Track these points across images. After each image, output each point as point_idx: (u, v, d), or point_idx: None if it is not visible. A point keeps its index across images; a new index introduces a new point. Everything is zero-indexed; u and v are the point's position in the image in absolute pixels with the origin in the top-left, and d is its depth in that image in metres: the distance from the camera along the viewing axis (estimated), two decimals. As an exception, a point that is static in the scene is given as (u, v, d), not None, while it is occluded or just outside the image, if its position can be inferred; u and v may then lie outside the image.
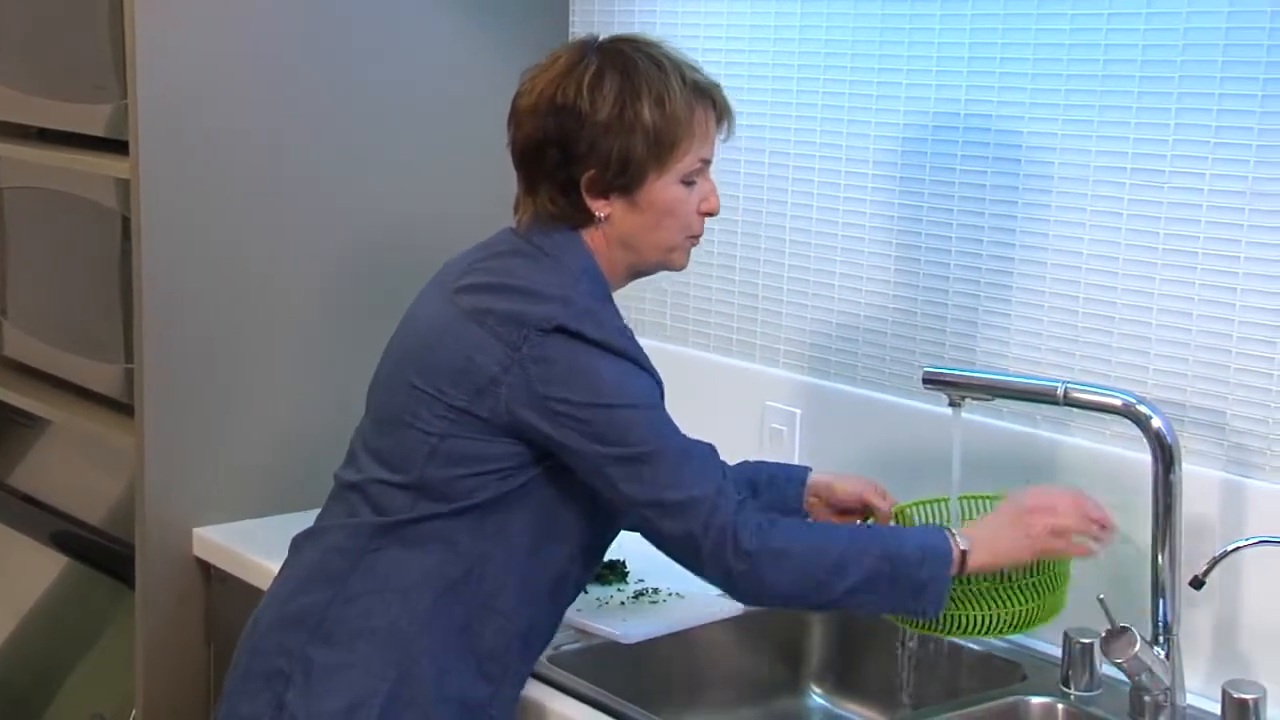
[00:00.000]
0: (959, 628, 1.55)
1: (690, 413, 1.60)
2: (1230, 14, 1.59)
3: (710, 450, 1.51)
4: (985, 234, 1.83)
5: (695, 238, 1.58)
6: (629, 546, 1.90)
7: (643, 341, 2.23)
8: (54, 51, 2.24)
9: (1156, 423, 1.55)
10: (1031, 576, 1.55)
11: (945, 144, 1.86)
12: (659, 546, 1.52)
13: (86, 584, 2.30)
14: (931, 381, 1.68)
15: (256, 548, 1.96)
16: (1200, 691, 1.61)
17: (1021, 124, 1.78)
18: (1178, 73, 1.64)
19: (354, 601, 1.51)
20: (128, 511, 2.11)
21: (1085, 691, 1.61)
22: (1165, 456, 1.55)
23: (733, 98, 2.08)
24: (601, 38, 1.56)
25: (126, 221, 2.04)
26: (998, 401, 1.73)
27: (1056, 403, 1.61)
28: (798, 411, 2.04)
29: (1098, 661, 1.59)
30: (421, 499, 1.51)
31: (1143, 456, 1.59)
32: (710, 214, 1.57)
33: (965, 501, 1.66)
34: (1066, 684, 1.62)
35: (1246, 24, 1.58)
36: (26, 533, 2.42)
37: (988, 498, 1.66)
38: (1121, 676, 1.56)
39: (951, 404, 1.67)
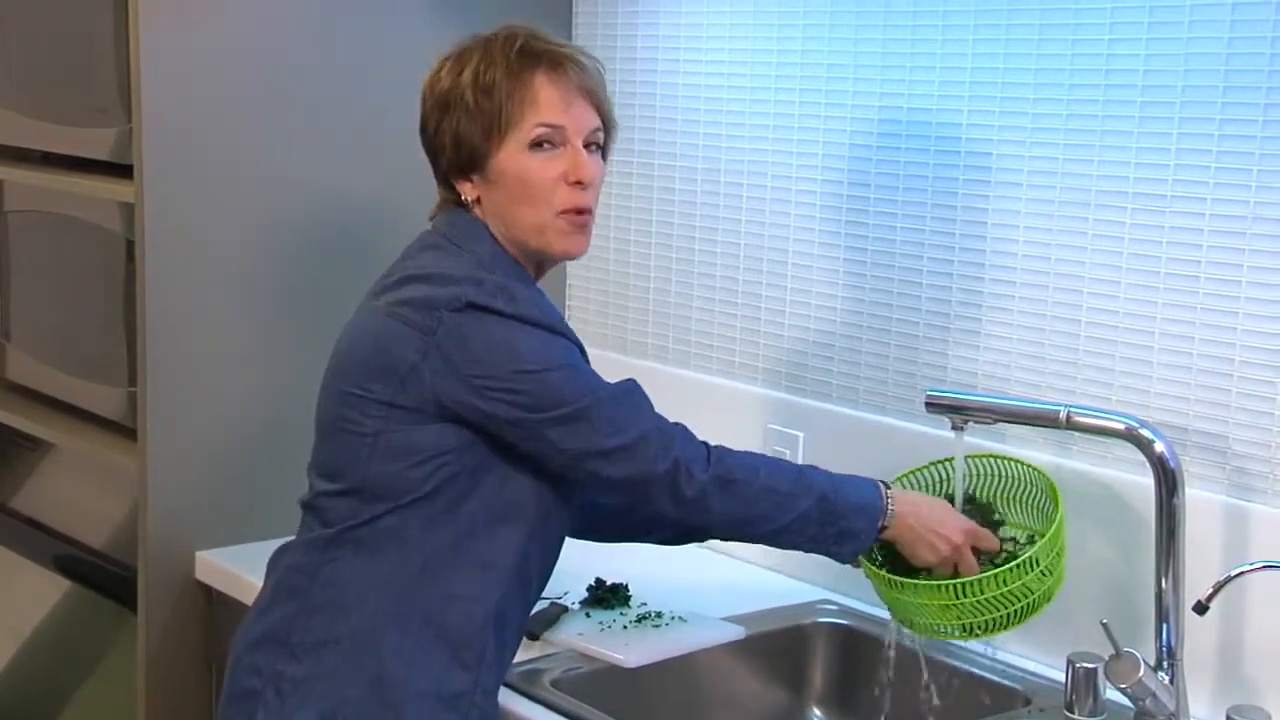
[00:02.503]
0: (972, 631, 1.59)
1: (693, 436, 1.60)
2: (1231, 40, 1.60)
3: (636, 387, 1.54)
4: (987, 258, 1.83)
5: (570, 215, 1.53)
6: (631, 570, 1.91)
7: (645, 364, 2.26)
8: (59, 76, 2.25)
9: (1159, 447, 1.55)
10: (1028, 573, 1.56)
11: (947, 168, 1.87)
12: (608, 495, 1.55)
13: (88, 607, 2.29)
14: (934, 405, 1.68)
15: (259, 571, 1.94)
16: (1205, 717, 1.61)
17: (1023, 148, 1.79)
18: (1179, 98, 1.64)
19: (316, 613, 1.52)
20: (130, 535, 2.11)
21: (1089, 717, 1.60)
22: (1168, 481, 1.55)
23: (736, 120, 2.11)
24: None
25: (130, 245, 2.05)
26: (1000, 425, 1.73)
27: (1059, 426, 1.61)
28: (800, 434, 2.04)
29: (1102, 687, 1.59)
30: (366, 501, 1.51)
31: (1145, 480, 1.59)
32: (579, 182, 1.52)
33: (973, 460, 1.71)
34: (1071, 709, 1.61)
35: (1247, 49, 1.59)
36: (29, 556, 2.42)
37: (996, 457, 1.70)
38: (1126, 702, 1.55)
39: (954, 427, 1.68)
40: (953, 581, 1.56)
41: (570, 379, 1.49)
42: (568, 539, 1.63)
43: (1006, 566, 1.56)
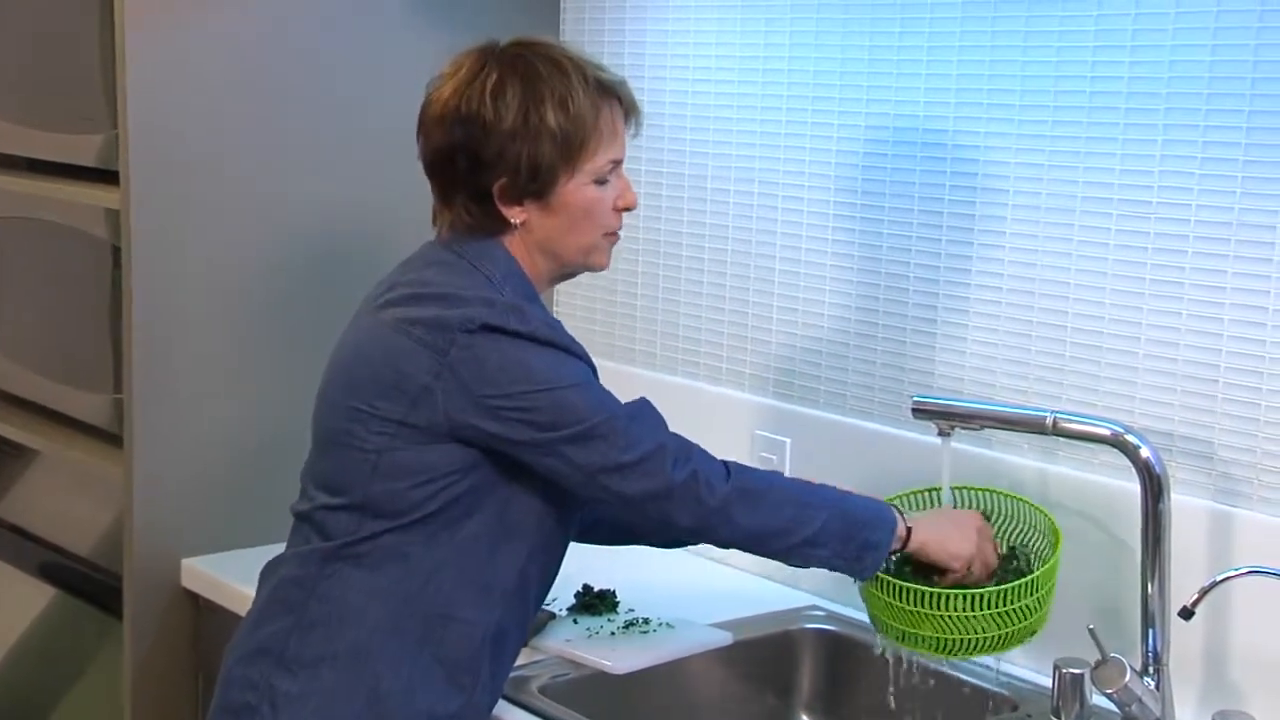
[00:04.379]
0: (953, 650, 1.58)
1: (680, 443, 1.60)
2: (1214, 48, 1.61)
3: (648, 404, 1.54)
4: (973, 264, 1.84)
5: (614, 235, 1.58)
6: (619, 577, 1.91)
7: (633, 370, 2.26)
8: (45, 83, 2.24)
9: (1145, 453, 1.56)
10: (1024, 599, 1.56)
11: (933, 174, 1.87)
12: (625, 511, 1.54)
13: (74, 615, 2.29)
14: (921, 411, 1.68)
15: (245, 578, 1.94)
16: (1190, 721, 1.61)
17: (1009, 155, 1.79)
18: (1163, 105, 1.65)
19: (314, 628, 1.51)
20: (116, 542, 2.11)
21: (1076, 722, 1.61)
22: (1154, 486, 1.55)
23: (722, 127, 2.11)
24: (503, 43, 1.56)
25: (116, 251, 2.05)
26: (986, 431, 1.73)
27: (1045, 432, 1.61)
28: (787, 440, 2.04)
29: (1088, 692, 1.59)
30: (368, 518, 1.51)
31: (1131, 486, 1.59)
32: (628, 208, 1.58)
33: (956, 491, 1.71)
34: (1057, 715, 1.61)
35: (1230, 57, 1.60)
36: (14, 564, 2.41)
37: (979, 490, 1.70)
38: (1112, 707, 1.55)
39: (940, 433, 1.68)
40: (961, 591, 1.56)
41: (584, 396, 1.48)
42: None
43: (1013, 584, 1.56)
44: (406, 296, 1.52)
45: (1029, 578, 1.57)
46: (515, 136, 1.49)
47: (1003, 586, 1.56)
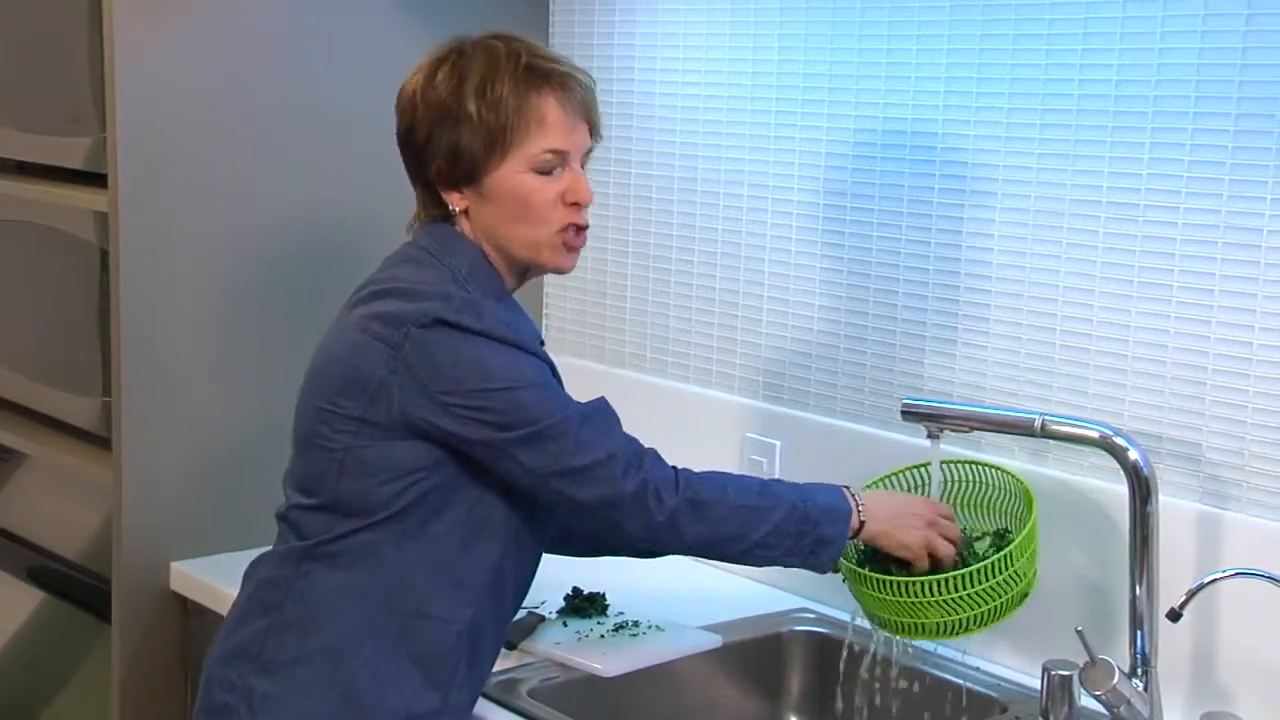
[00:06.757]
0: (940, 632, 1.58)
1: (670, 444, 1.60)
2: (1201, 51, 1.61)
3: (606, 406, 1.53)
4: (962, 266, 1.84)
5: (568, 233, 1.53)
6: (609, 579, 1.91)
7: (623, 373, 2.26)
8: (33, 85, 2.24)
9: (1134, 455, 1.56)
10: (1001, 574, 1.56)
11: (922, 177, 1.88)
12: (578, 517, 1.54)
13: (63, 619, 2.28)
14: (910, 414, 1.69)
15: (233, 582, 1.93)
16: (1179, 723, 1.62)
17: (998, 158, 1.79)
18: (1151, 108, 1.65)
19: (289, 628, 1.52)
20: (104, 546, 2.10)
21: (1064, 724, 1.61)
22: (1142, 489, 1.56)
23: (712, 129, 2.11)
24: (473, 37, 1.56)
25: (105, 254, 2.04)
26: (975, 433, 1.74)
27: (1034, 435, 1.62)
28: (777, 443, 2.04)
29: (1077, 694, 1.59)
30: (339, 517, 1.51)
31: (1119, 488, 1.60)
32: (577, 204, 1.53)
33: (949, 466, 1.71)
34: (1046, 716, 1.61)
35: (1218, 60, 1.60)
36: (2, 568, 2.41)
37: (972, 464, 1.70)
38: (1101, 709, 1.56)
39: (930, 436, 1.68)
40: (926, 579, 1.56)
41: (538, 397, 1.48)
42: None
43: (980, 564, 1.56)
44: (373, 294, 1.53)
45: (1007, 550, 1.56)
46: (441, 121, 1.51)
47: (983, 563, 1.56)
